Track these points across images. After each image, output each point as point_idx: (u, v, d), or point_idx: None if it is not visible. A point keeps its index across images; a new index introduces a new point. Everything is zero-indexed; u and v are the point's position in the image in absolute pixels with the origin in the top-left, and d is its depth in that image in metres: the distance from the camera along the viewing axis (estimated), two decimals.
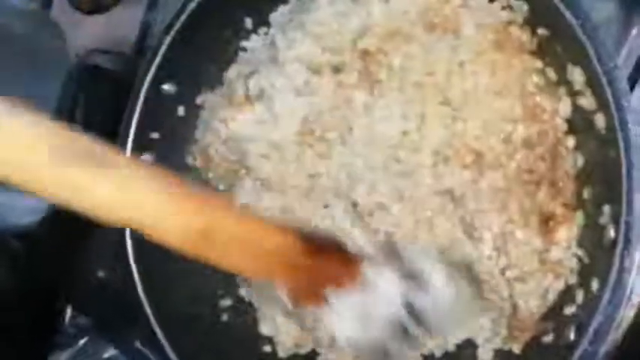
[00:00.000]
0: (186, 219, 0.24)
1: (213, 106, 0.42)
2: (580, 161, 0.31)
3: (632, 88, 0.37)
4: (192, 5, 0.38)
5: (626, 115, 0.27)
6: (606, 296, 0.26)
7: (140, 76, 0.39)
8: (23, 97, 0.47)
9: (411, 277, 0.28)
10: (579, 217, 0.31)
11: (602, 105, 0.28)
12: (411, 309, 0.27)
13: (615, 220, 0.27)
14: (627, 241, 0.26)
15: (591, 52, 0.27)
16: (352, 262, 0.28)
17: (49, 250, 0.53)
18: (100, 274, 0.52)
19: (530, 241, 0.32)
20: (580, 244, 0.30)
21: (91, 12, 0.60)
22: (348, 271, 0.28)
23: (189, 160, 0.42)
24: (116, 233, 0.41)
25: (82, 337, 0.50)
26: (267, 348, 0.40)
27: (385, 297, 0.27)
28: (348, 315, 0.27)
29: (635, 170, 0.26)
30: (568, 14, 0.28)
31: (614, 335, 0.27)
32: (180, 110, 0.42)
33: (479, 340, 0.35)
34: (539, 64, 0.32)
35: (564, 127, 0.31)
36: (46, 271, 0.53)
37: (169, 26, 0.39)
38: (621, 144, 0.27)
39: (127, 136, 0.40)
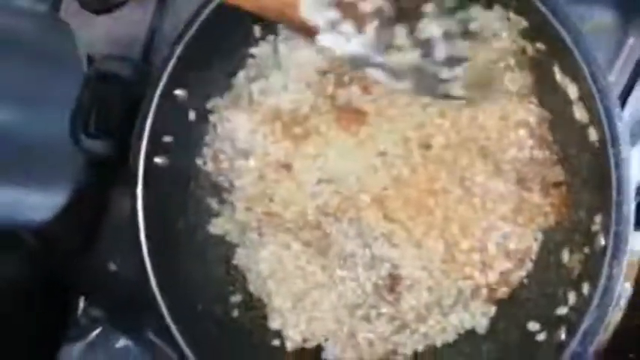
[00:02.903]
0: None
1: (221, 110, 0.43)
2: (572, 170, 0.33)
3: (627, 96, 0.39)
4: (203, 15, 0.40)
5: (618, 132, 0.28)
6: (596, 300, 0.28)
7: (153, 83, 0.41)
8: (36, 99, 0.48)
9: None
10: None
11: (595, 120, 0.30)
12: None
13: (606, 229, 0.29)
14: (616, 249, 0.28)
15: (584, 68, 0.29)
16: None
17: (63, 244, 0.55)
18: (113, 266, 0.54)
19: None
20: (572, 249, 0.32)
21: (100, 11, 0.61)
22: None
23: (200, 162, 0.44)
24: (128, 226, 0.42)
25: (95, 329, 0.52)
26: (276, 342, 0.41)
27: None
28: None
29: (625, 184, 0.28)
30: (562, 30, 0.29)
31: (603, 336, 0.29)
32: (192, 115, 0.43)
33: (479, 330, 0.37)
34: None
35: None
36: (60, 264, 0.55)
37: (180, 36, 0.40)
38: (612, 159, 0.28)
39: (141, 140, 0.42)
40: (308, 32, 0.32)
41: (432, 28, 0.32)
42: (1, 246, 0.52)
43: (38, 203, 0.48)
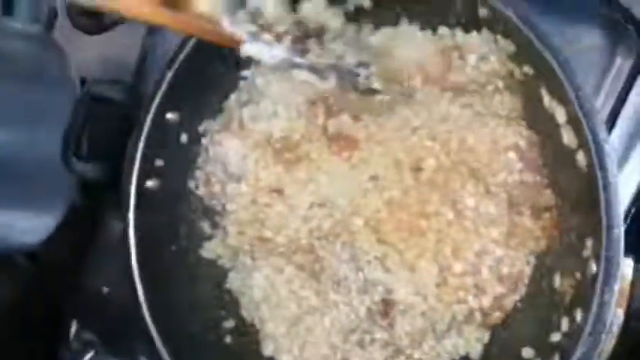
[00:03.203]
0: None
1: (213, 133, 0.43)
2: (562, 194, 0.33)
3: (616, 116, 0.39)
4: (194, 38, 0.40)
5: (605, 156, 0.28)
6: (588, 327, 0.28)
7: (145, 107, 0.41)
8: (29, 121, 0.48)
9: None
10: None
11: (583, 144, 0.30)
12: None
13: (596, 254, 0.29)
14: (607, 275, 0.28)
15: (570, 93, 0.29)
16: None
17: (54, 267, 0.55)
18: (105, 289, 0.53)
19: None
20: (564, 274, 0.32)
21: (93, 32, 0.61)
22: None
23: (192, 185, 0.44)
24: (120, 249, 0.42)
25: (88, 352, 0.51)
26: None
27: None
28: None
29: (614, 208, 0.28)
30: (547, 55, 0.30)
31: None
32: (184, 137, 0.43)
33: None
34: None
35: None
36: (52, 287, 0.55)
37: (172, 59, 0.41)
38: (600, 183, 0.28)
39: (133, 163, 0.41)
40: (234, 43, 0.36)
41: (336, 44, 0.36)
42: None
43: (31, 226, 0.48)
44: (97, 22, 0.59)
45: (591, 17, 0.41)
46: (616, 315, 0.29)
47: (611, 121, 0.39)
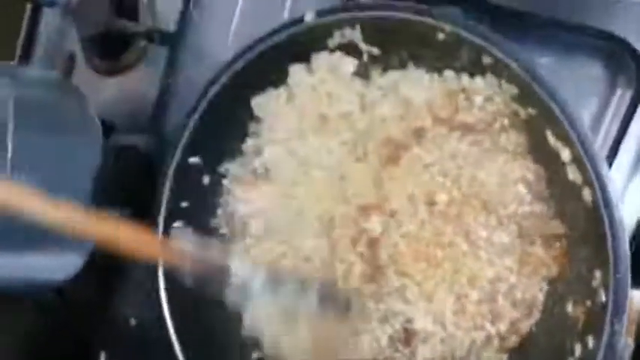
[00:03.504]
0: None
1: (233, 174, 0.46)
2: (570, 225, 0.35)
3: (618, 146, 0.41)
4: (214, 88, 0.42)
5: (610, 195, 0.30)
6: (600, 355, 0.30)
7: (168, 156, 0.43)
8: (55, 165, 0.50)
9: None
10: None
11: (587, 183, 0.31)
12: None
13: (605, 285, 0.31)
14: (616, 306, 0.29)
15: (573, 137, 0.31)
16: None
17: (82, 301, 0.57)
18: (133, 321, 0.55)
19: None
20: (576, 301, 0.34)
21: (109, 73, 0.63)
22: None
23: (216, 224, 0.46)
24: (149, 281, 0.45)
25: None
26: None
27: None
28: None
29: (621, 244, 0.30)
30: (548, 99, 0.32)
31: None
32: (206, 179, 0.45)
33: None
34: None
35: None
36: (80, 320, 0.57)
37: (195, 107, 0.43)
38: (606, 220, 0.30)
39: (160, 208, 0.44)
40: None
41: None
42: (17, 298, 0.53)
43: (58, 264, 0.50)
44: (113, 64, 0.62)
45: (591, 49, 0.43)
46: (627, 344, 0.30)
47: (614, 151, 0.40)
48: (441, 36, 0.35)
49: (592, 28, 0.42)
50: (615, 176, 0.41)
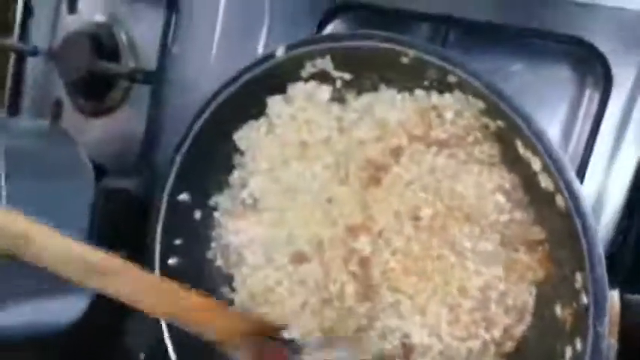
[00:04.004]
0: None
1: (223, 207, 0.47)
2: (550, 229, 0.36)
3: (591, 149, 0.42)
4: (198, 124, 0.43)
5: (581, 203, 0.31)
6: (587, 357, 0.31)
7: (158, 195, 0.44)
8: (50, 210, 0.52)
9: None
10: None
11: (559, 190, 0.32)
12: None
13: (585, 287, 0.32)
14: (598, 309, 0.30)
15: (540, 148, 0.32)
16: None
17: (89, 340, 0.57)
18: (142, 355, 0.56)
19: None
20: (563, 304, 0.35)
21: (95, 114, 0.64)
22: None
23: (210, 255, 0.47)
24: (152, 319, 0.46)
25: None
26: None
27: None
28: None
29: (595, 249, 0.30)
30: (512, 114, 0.33)
31: None
32: (197, 214, 0.46)
33: None
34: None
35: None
36: (88, 356, 0.57)
37: (180, 144, 0.44)
38: (579, 227, 0.31)
39: (154, 247, 0.45)
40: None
41: None
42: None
43: (62, 308, 0.51)
44: (99, 105, 0.63)
45: (561, 54, 0.44)
46: (611, 345, 0.31)
47: (589, 148, 0.41)
48: (405, 60, 0.36)
49: (562, 35, 0.43)
50: (591, 174, 0.42)
